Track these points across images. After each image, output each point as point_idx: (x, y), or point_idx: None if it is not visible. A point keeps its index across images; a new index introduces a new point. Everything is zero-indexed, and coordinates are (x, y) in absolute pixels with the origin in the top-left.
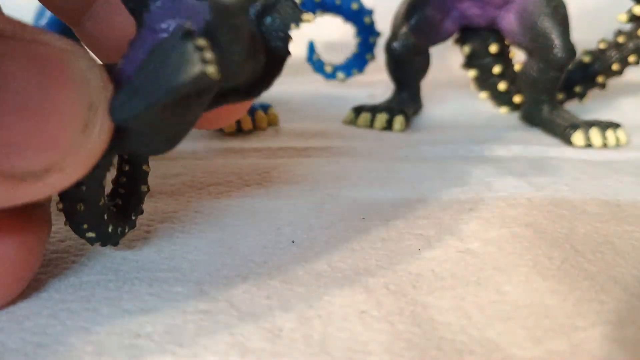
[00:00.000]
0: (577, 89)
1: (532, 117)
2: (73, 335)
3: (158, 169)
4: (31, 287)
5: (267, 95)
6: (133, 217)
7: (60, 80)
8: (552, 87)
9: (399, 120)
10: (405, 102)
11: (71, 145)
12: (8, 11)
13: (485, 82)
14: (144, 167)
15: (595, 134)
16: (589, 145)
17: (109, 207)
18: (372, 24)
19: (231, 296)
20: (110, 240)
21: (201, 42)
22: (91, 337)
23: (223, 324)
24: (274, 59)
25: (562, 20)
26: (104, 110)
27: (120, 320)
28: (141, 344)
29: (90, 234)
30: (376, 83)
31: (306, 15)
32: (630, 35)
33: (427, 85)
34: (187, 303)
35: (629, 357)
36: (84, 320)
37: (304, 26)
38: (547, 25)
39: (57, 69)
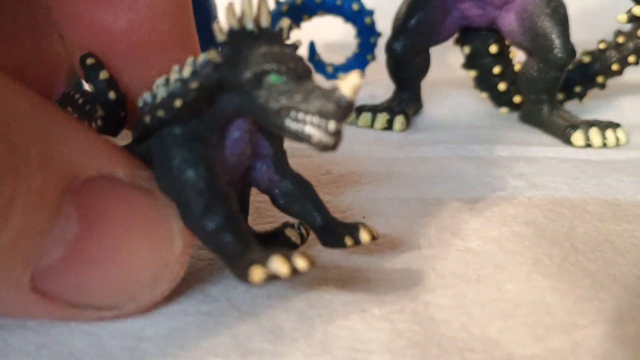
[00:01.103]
0: (577, 89)
1: (532, 117)
2: (76, 337)
3: None
4: None
5: None
6: None
7: (152, 236)
8: (552, 87)
9: (399, 120)
10: (405, 102)
11: (137, 295)
12: None
13: (485, 82)
14: None
15: (594, 134)
16: (588, 145)
17: None
18: (372, 25)
19: (232, 296)
20: None
21: None
22: (93, 339)
23: (224, 325)
24: None
25: (561, 20)
26: (176, 269)
27: (121, 323)
28: (143, 346)
29: None
30: (377, 83)
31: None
32: (629, 35)
33: (428, 85)
34: (189, 305)
35: (629, 354)
36: (87, 323)
37: (305, 27)
38: (547, 25)
39: (153, 225)
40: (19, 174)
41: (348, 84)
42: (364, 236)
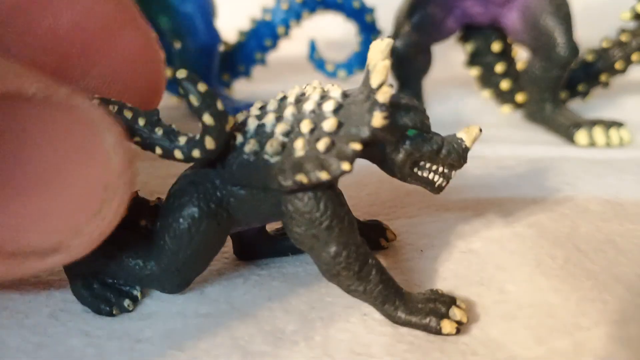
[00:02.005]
0: (580, 87)
1: (535, 115)
2: (74, 337)
3: (159, 169)
4: (30, 283)
5: (269, 95)
6: None
7: (82, 156)
8: (555, 86)
9: None
10: None
11: (82, 227)
12: None
13: (487, 80)
14: None
15: (598, 133)
16: (592, 144)
17: None
18: (373, 22)
19: (232, 298)
20: None
21: None
22: (92, 340)
23: (224, 326)
24: None
25: (565, 18)
26: (119, 191)
27: (120, 324)
28: (141, 348)
29: None
30: None
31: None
32: (633, 33)
33: (430, 83)
34: (188, 307)
35: (632, 355)
36: (85, 323)
37: (305, 24)
38: (550, 23)
39: (83, 142)
40: None
41: (471, 137)
42: (390, 235)
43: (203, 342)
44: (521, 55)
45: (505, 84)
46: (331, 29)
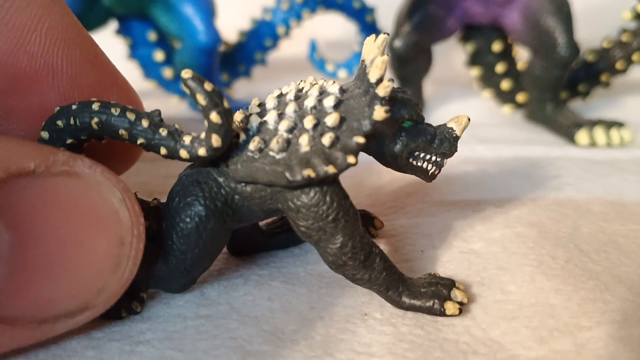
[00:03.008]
0: (581, 87)
1: (536, 115)
2: (74, 339)
3: (160, 169)
4: None
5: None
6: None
7: (93, 219)
8: (556, 86)
9: None
10: None
11: (104, 284)
12: None
13: (488, 80)
14: None
15: (599, 133)
16: (592, 144)
17: None
18: (374, 22)
19: (231, 299)
20: None
21: None
22: (92, 342)
23: (224, 327)
24: None
25: (566, 18)
26: (134, 246)
27: (120, 326)
28: (141, 349)
29: None
30: None
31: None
32: (634, 33)
33: (430, 83)
34: (188, 308)
35: (634, 356)
36: (85, 325)
37: (305, 24)
38: (551, 23)
39: (90, 206)
40: None
41: (461, 126)
42: (378, 224)
43: (203, 343)
44: (522, 55)
45: (505, 84)
46: (332, 29)
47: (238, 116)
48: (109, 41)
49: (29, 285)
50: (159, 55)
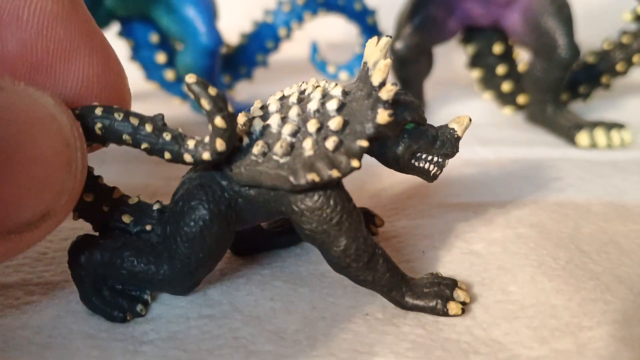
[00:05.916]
0: (582, 89)
1: (537, 117)
2: (78, 339)
3: (162, 171)
4: (34, 284)
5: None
6: None
7: (32, 120)
8: (557, 87)
9: None
10: None
11: (61, 186)
12: None
13: (489, 82)
14: None
15: (599, 134)
16: (593, 145)
17: None
18: (375, 24)
19: (234, 299)
20: None
21: None
22: (96, 342)
23: (227, 327)
24: None
25: (566, 19)
26: (79, 147)
27: (124, 326)
28: (145, 350)
29: None
30: None
31: None
32: (635, 35)
33: (431, 85)
34: (191, 309)
35: (635, 356)
36: (88, 325)
37: (307, 26)
38: (552, 24)
39: (25, 111)
40: None
41: (462, 127)
42: (379, 221)
43: (206, 342)
44: (522, 57)
45: (506, 86)
46: (333, 31)
47: (241, 119)
48: (111, 43)
49: None
50: (161, 57)
